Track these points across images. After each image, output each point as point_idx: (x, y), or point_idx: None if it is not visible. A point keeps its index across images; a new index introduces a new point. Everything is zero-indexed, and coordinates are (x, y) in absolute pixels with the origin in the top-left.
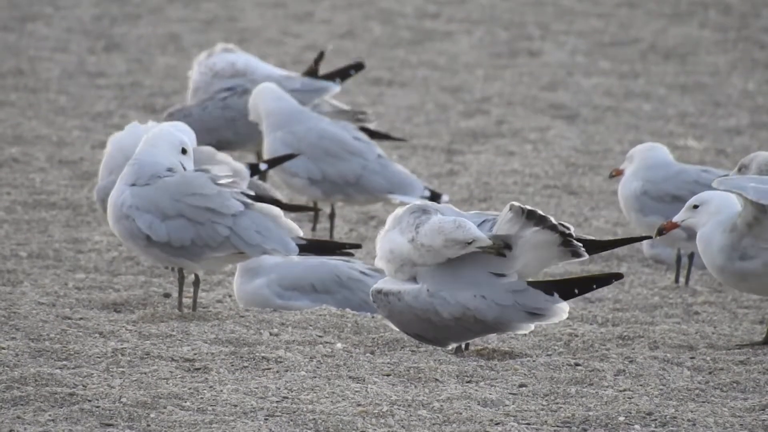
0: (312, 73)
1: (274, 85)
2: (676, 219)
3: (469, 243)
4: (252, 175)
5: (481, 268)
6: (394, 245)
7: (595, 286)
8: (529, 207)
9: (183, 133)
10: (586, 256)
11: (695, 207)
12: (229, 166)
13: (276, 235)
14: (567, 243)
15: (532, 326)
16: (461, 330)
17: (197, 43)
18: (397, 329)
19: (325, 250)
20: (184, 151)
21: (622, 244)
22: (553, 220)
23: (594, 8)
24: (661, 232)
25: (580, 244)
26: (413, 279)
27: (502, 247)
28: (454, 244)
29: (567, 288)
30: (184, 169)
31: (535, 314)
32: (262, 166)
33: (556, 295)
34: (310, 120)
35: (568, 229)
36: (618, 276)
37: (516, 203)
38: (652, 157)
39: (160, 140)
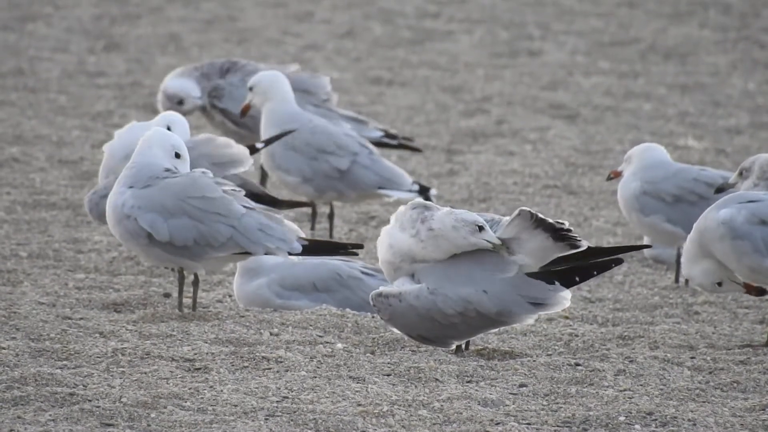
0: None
1: (281, 82)
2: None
3: (480, 228)
4: (250, 154)
5: (479, 265)
6: (393, 240)
7: (595, 273)
8: (540, 215)
9: (176, 132)
10: (585, 245)
11: None
12: (230, 148)
13: (279, 234)
14: (563, 238)
15: (535, 316)
16: (465, 326)
17: (197, 43)
18: (399, 332)
19: (327, 250)
20: (177, 155)
21: (625, 252)
22: (556, 226)
23: (594, 8)
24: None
25: (577, 236)
26: (411, 276)
27: (504, 248)
28: (464, 225)
29: (568, 276)
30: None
31: (537, 304)
32: (259, 145)
33: (557, 283)
34: (303, 117)
35: (568, 230)
36: (618, 261)
37: (526, 209)
38: (650, 157)
39: (155, 144)
